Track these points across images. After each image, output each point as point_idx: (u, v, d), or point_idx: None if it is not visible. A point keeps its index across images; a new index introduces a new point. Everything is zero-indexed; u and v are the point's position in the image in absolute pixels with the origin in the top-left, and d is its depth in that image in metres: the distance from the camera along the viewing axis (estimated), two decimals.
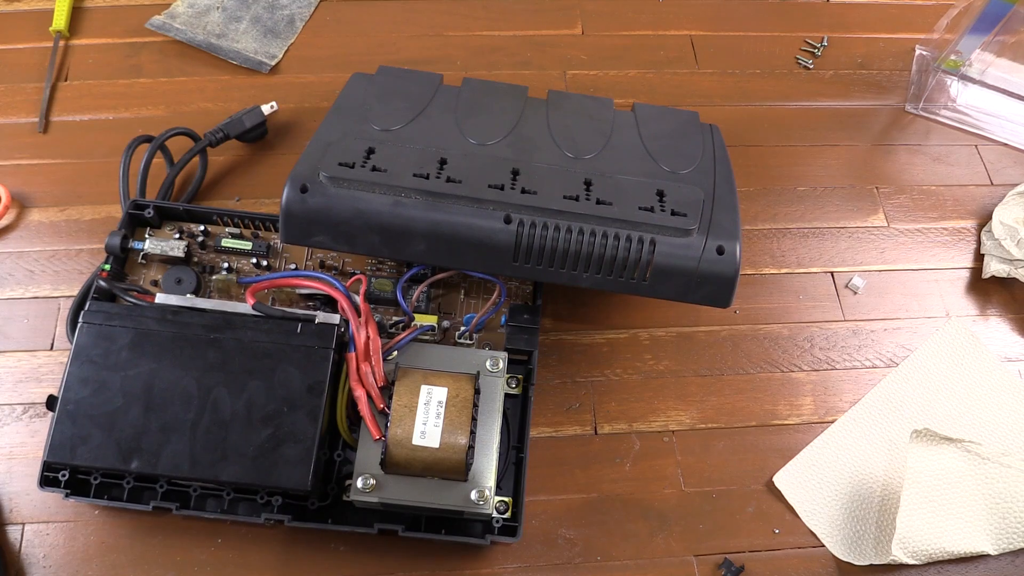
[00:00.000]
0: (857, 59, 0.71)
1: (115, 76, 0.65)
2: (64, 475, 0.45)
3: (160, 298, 0.47)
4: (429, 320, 0.50)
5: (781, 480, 0.52)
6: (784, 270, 0.60)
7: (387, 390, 0.45)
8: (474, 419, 0.44)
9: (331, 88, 0.65)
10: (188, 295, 0.50)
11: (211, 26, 0.67)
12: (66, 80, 0.64)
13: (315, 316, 0.46)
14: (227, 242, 0.53)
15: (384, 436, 0.43)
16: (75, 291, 0.55)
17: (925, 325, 0.59)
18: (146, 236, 0.52)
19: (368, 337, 0.46)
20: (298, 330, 0.45)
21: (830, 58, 0.71)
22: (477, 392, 0.45)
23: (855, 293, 0.60)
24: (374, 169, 0.45)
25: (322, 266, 0.53)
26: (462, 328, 0.51)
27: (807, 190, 0.64)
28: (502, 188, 0.46)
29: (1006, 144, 0.67)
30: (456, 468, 0.43)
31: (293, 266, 0.53)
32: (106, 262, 0.50)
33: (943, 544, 0.50)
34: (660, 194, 0.47)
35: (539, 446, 0.52)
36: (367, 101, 0.52)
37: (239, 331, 0.45)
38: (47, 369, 0.53)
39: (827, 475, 0.53)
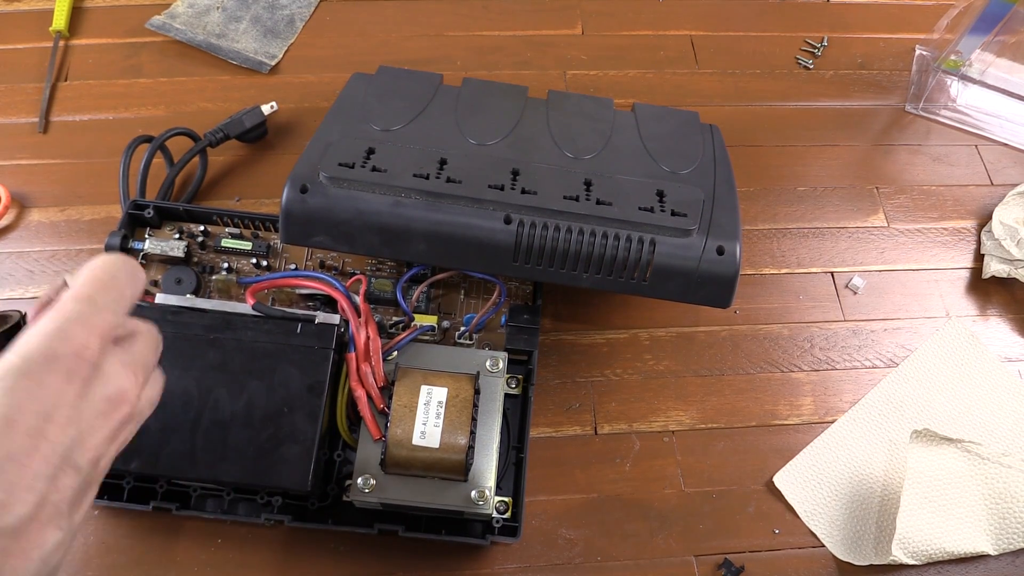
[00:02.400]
0: (857, 59, 0.71)
1: (115, 76, 0.65)
2: None
3: (160, 298, 0.47)
4: (429, 320, 0.50)
5: (781, 480, 0.52)
6: (784, 270, 0.60)
7: (387, 390, 0.45)
8: (474, 419, 0.44)
9: (331, 88, 0.65)
10: (188, 295, 0.50)
11: (211, 26, 0.67)
12: (66, 80, 0.64)
13: (315, 316, 0.46)
14: (227, 242, 0.53)
15: (384, 436, 0.43)
16: None
17: (925, 325, 0.59)
18: (146, 236, 0.52)
19: (368, 337, 0.46)
20: (298, 330, 0.45)
21: (830, 58, 0.71)
22: (477, 392, 0.45)
23: (855, 293, 0.60)
24: (374, 169, 0.45)
25: (322, 266, 0.53)
26: (462, 328, 0.51)
27: (807, 190, 0.64)
28: (502, 188, 0.46)
29: (1006, 144, 0.67)
30: (456, 468, 0.43)
31: (293, 266, 0.53)
32: None
33: (943, 544, 0.50)
34: (660, 194, 0.47)
35: (539, 446, 0.52)
36: (367, 101, 0.52)
37: (239, 331, 0.45)
38: None
39: (827, 475, 0.53)
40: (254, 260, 0.53)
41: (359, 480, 0.43)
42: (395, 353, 0.47)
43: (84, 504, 0.28)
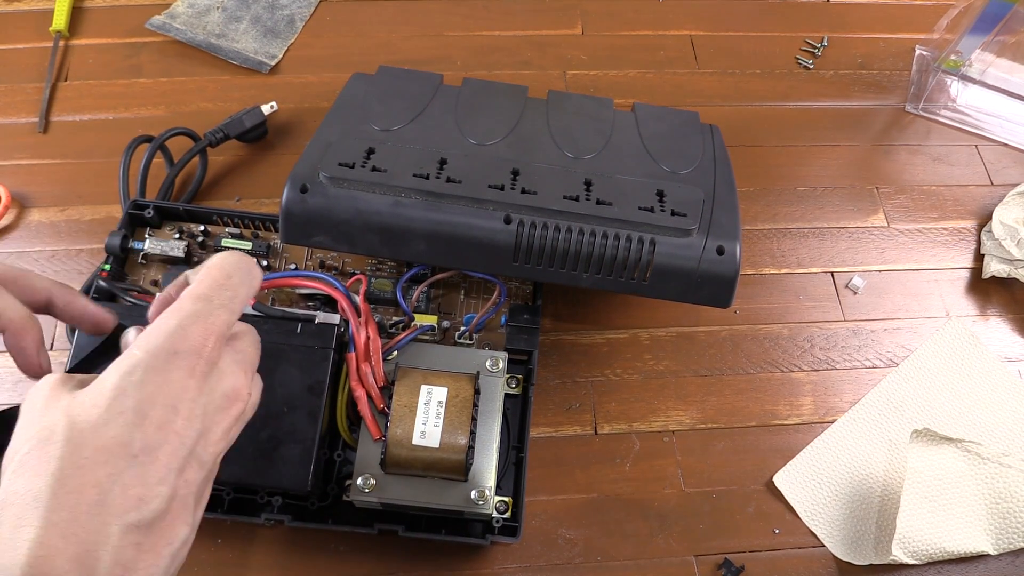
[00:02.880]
0: (857, 59, 0.71)
1: (115, 76, 0.65)
2: None
3: None
4: (429, 320, 0.50)
5: (781, 480, 0.52)
6: (784, 270, 0.60)
7: (387, 390, 0.45)
8: (474, 419, 0.44)
9: (331, 88, 0.65)
10: None
11: (211, 26, 0.67)
12: (66, 80, 0.64)
13: (315, 316, 0.46)
14: (227, 242, 0.53)
15: (384, 436, 0.43)
16: None
17: (925, 325, 0.59)
18: (146, 236, 0.52)
19: (368, 337, 0.46)
20: (298, 330, 0.45)
21: (830, 58, 0.71)
22: (477, 392, 0.45)
23: (855, 293, 0.60)
24: (374, 169, 0.45)
25: (322, 266, 0.53)
26: (462, 328, 0.51)
27: (807, 190, 0.64)
28: (502, 188, 0.46)
29: (1006, 144, 0.67)
30: (456, 468, 0.43)
31: (293, 266, 0.53)
32: (106, 262, 0.50)
33: (943, 544, 0.50)
34: (660, 194, 0.47)
35: (539, 446, 0.52)
36: (367, 101, 0.52)
37: None
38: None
39: (827, 475, 0.53)
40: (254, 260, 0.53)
41: (359, 480, 0.43)
42: (395, 353, 0.47)
43: (204, 500, 0.28)
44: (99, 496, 0.23)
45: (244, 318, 0.45)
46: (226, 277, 0.29)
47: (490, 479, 0.44)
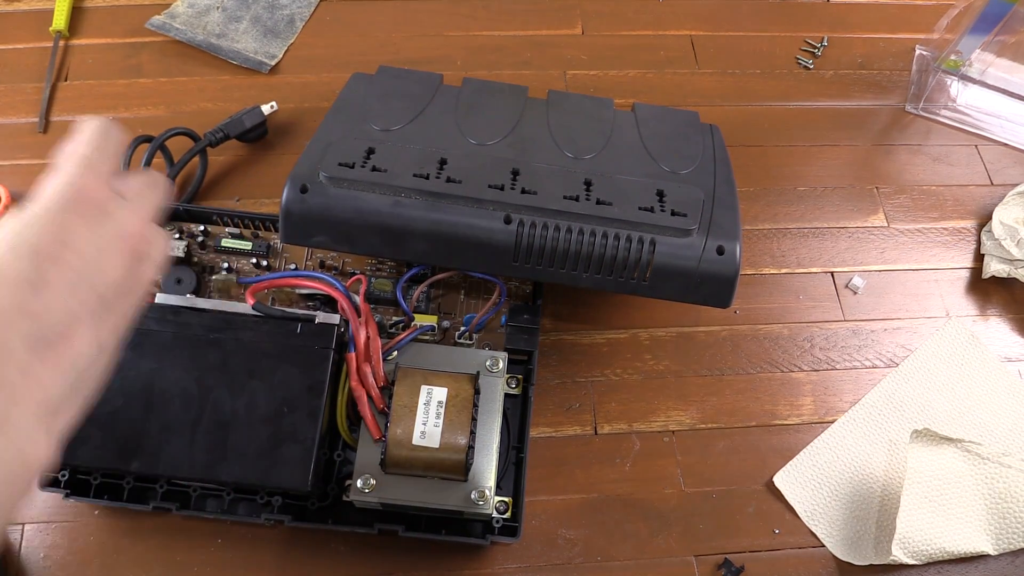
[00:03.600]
0: (857, 59, 0.71)
1: (115, 76, 0.65)
2: (64, 475, 0.45)
3: (160, 298, 0.47)
4: (429, 320, 0.50)
5: (781, 480, 0.52)
6: (784, 270, 0.60)
7: (387, 390, 0.45)
8: (474, 419, 0.44)
9: (331, 88, 0.65)
10: (188, 295, 0.50)
11: (211, 26, 0.67)
12: (66, 80, 0.64)
13: (315, 316, 0.46)
14: (227, 242, 0.53)
15: (384, 436, 0.43)
16: None
17: (925, 325, 0.59)
18: None
19: (368, 337, 0.46)
20: (298, 330, 0.45)
21: (830, 58, 0.71)
22: (477, 392, 0.45)
23: (855, 293, 0.60)
24: (374, 169, 0.45)
25: (322, 266, 0.53)
26: (462, 328, 0.51)
27: (807, 190, 0.64)
28: (502, 188, 0.46)
29: (1006, 144, 0.67)
30: (456, 468, 0.43)
31: (293, 266, 0.53)
32: None
33: (943, 544, 0.50)
34: (660, 194, 0.47)
35: (539, 446, 0.52)
36: (367, 101, 0.52)
37: (239, 331, 0.45)
38: None
39: (827, 475, 0.53)
40: (254, 260, 0.53)
41: (359, 480, 0.43)
42: (395, 353, 0.47)
43: (112, 325, 0.31)
44: (2, 319, 0.27)
45: (243, 316, 0.45)
46: (99, 136, 0.33)
47: (490, 479, 0.44)
